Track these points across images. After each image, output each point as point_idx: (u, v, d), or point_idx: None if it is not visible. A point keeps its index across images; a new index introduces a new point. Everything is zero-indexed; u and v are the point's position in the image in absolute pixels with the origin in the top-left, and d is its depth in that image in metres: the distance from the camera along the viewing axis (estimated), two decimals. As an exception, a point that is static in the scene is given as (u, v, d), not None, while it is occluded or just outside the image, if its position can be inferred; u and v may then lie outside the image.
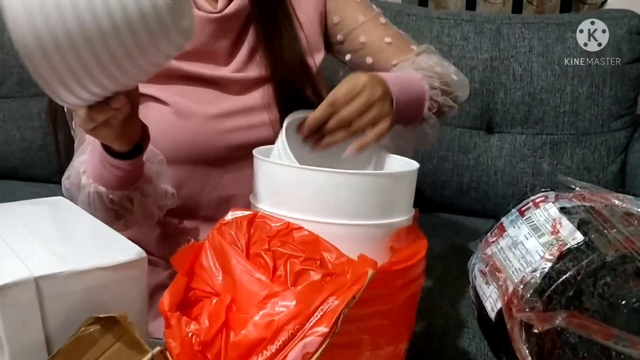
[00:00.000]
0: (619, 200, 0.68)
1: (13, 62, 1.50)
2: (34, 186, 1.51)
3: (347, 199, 0.61)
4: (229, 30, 0.89)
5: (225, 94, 0.88)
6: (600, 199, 0.69)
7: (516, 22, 1.39)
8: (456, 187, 1.41)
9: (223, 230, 0.60)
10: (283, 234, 0.58)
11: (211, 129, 0.85)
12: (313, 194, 0.61)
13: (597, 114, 1.35)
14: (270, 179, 0.64)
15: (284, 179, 0.63)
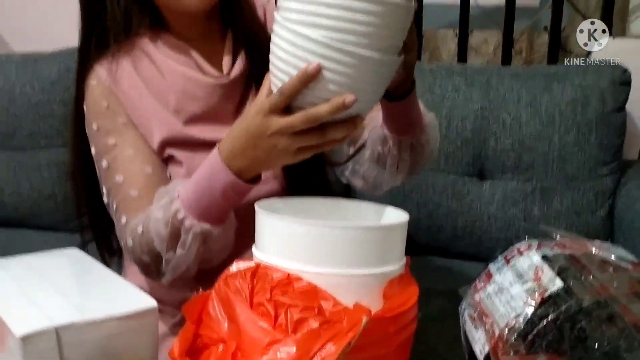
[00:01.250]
0: (596, 248, 0.73)
1: (24, 116, 1.57)
2: (42, 234, 1.56)
3: (343, 250, 0.66)
4: (234, 92, 0.96)
5: None
6: (580, 247, 0.74)
7: (505, 74, 1.47)
8: (451, 232, 1.46)
9: (228, 281, 0.65)
10: (284, 284, 0.63)
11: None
12: (312, 245, 0.66)
13: (585, 161, 1.40)
14: (272, 232, 0.70)
15: (285, 232, 0.68)
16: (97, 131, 0.94)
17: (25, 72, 1.59)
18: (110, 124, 0.93)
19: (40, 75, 1.58)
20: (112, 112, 0.93)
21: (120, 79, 0.94)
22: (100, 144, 0.94)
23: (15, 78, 1.59)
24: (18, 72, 1.59)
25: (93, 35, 0.95)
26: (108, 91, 0.94)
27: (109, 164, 0.92)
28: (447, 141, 1.44)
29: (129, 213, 0.90)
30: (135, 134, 0.94)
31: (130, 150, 0.92)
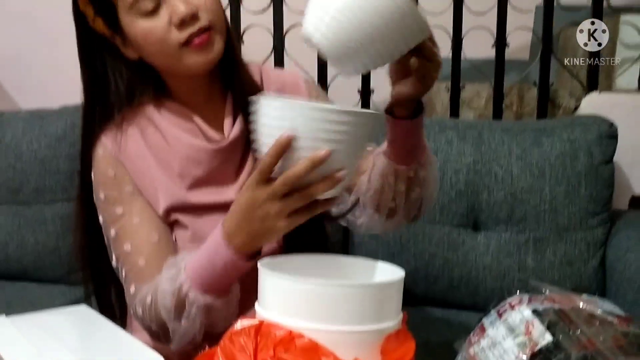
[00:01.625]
0: (584, 302, 0.77)
1: (30, 171, 1.61)
2: (45, 287, 1.59)
3: (343, 307, 0.69)
4: (234, 153, 1.00)
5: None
6: (568, 301, 0.77)
7: (496, 128, 1.52)
8: (447, 283, 1.49)
9: (233, 338, 0.68)
10: (286, 341, 0.66)
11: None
12: (312, 303, 0.70)
13: (575, 212, 1.45)
14: (274, 290, 0.73)
15: (287, 290, 0.71)
16: (105, 201, 0.97)
17: (32, 129, 1.64)
18: (117, 194, 0.96)
19: (47, 132, 1.63)
20: (119, 181, 0.97)
21: (126, 148, 0.97)
22: (108, 213, 0.97)
23: (22, 134, 1.64)
24: (25, 128, 1.65)
25: (96, 108, 0.99)
26: (114, 160, 0.97)
27: (117, 233, 0.96)
28: (441, 193, 1.48)
29: (137, 282, 0.93)
30: (141, 202, 0.97)
31: (137, 218, 0.96)
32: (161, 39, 0.91)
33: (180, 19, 0.89)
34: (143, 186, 0.98)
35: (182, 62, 0.92)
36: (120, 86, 0.97)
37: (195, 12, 0.90)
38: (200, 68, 0.94)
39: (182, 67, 0.94)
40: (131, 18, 0.91)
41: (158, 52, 0.93)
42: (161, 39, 0.91)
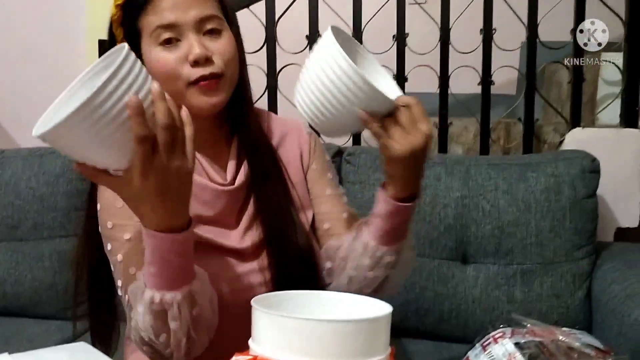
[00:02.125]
0: (564, 335, 0.80)
1: (28, 208, 1.64)
2: (42, 323, 1.60)
3: (332, 342, 0.73)
4: (238, 198, 1.02)
5: (234, 259, 1.00)
6: (548, 334, 0.81)
7: (482, 164, 1.57)
8: (438, 315, 1.51)
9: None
10: None
11: (229, 291, 0.96)
12: (304, 339, 0.73)
13: (561, 245, 1.48)
14: (267, 326, 0.76)
15: (278, 326, 0.75)
16: (112, 229, 0.99)
17: (31, 166, 1.68)
18: (125, 221, 0.98)
19: (45, 170, 1.66)
20: (127, 210, 0.99)
21: None
22: (116, 240, 0.98)
23: (22, 172, 1.67)
24: (24, 166, 1.68)
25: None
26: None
27: (123, 257, 0.97)
28: (431, 227, 1.52)
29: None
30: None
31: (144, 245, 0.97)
32: (172, 70, 0.94)
33: (194, 59, 0.93)
34: None
35: (187, 100, 0.96)
36: None
37: (209, 57, 0.94)
38: (203, 110, 0.97)
39: (186, 104, 0.96)
40: (150, 45, 0.96)
41: (167, 82, 0.95)
42: (172, 71, 0.94)
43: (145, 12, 0.96)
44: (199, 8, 0.96)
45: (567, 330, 0.83)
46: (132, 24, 0.98)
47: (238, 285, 0.99)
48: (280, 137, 1.09)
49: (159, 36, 0.95)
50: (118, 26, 1.01)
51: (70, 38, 2.63)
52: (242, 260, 1.01)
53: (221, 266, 0.99)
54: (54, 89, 2.82)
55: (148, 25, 0.96)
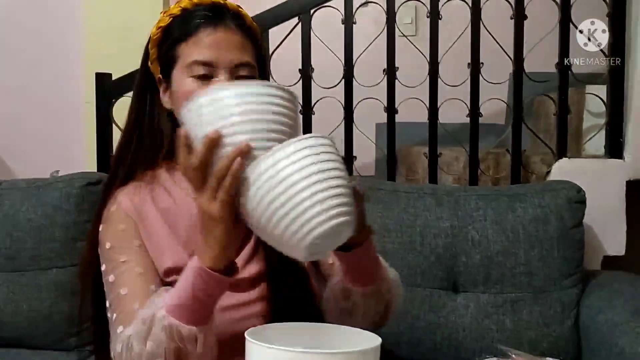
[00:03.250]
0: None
1: (26, 239, 1.66)
2: (38, 354, 1.61)
3: None
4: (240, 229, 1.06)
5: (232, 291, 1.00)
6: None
7: (471, 195, 1.60)
8: (430, 344, 1.54)
9: None
10: None
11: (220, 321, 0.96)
12: None
13: (549, 274, 1.52)
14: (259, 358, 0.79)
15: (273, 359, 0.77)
16: (110, 249, 1.02)
17: (29, 198, 1.70)
18: (125, 244, 1.01)
19: (43, 201, 1.68)
20: (128, 234, 1.02)
21: (140, 209, 1.04)
22: (111, 261, 1.01)
23: (20, 203, 1.69)
24: (22, 198, 1.70)
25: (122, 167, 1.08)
26: (126, 217, 1.04)
27: (116, 278, 0.99)
28: (421, 257, 1.55)
29: (126, 324, 0.94)
30: (145, 257, 1.01)
31: (139, 268, 1.00)
32: None
33: None
34: (151, 245, 1.03)
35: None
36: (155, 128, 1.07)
37: None
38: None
39: None
40: (183, 74, 1.01)
41: None
42: None
43: (186, 42, 1.01)
44: (238, 53, 1.01)
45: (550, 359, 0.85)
46: (170, 48, 1.03)
47: (235, 315, 1.02)
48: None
49: (194, 70, 0.99)
50: (155, 46, 1.06)
51: (68, 71, 2.67)
52: (240, 290, 1.03)
53: (226, 305, 1.00)
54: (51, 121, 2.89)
55: (186, 56, 1.01)
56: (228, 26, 1.02)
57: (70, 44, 2.67)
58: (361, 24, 1.91)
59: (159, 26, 1.05)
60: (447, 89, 1.85)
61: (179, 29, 1.03)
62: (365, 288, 0.97)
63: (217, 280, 0.85)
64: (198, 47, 1.00)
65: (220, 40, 1.00)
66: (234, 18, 1.04)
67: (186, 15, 1.03)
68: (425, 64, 1.86)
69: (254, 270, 1.05)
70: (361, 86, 1.87)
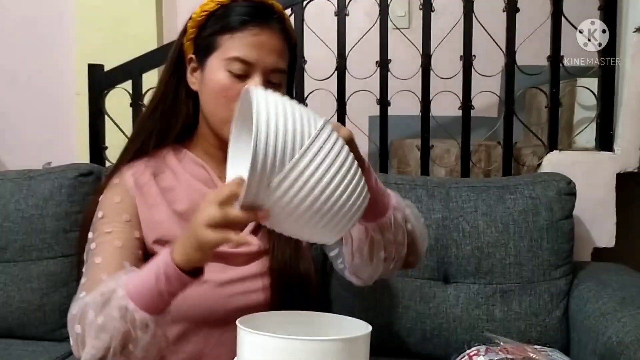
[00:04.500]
0: (534, 352, 0.84)
1: (17, 230, 1.66)
2: (30, 344, 1.61)
3: None
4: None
5: (228, 265, 1.05)
6: (520, 352, 0.84)
7: (462, 186, 1.61)
8: (420, 334, 1.55)
9: None
10: None
11: (216, 294, 1.01)
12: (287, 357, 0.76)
13: (539, 265, 1.53)
14: (251, 346, 0.80)
15: (262, 345, 0.78)
16: (101, 218, 1.04)
17: (20, 189, 1.70)
18: (114, 216, 1.03)
19: (34, 192, 1.69)
20: (120, 208, 1.04)
21: (141, 185, 1.07)
22: (97, 230, 1.03)
23: (10, 194, 1.70)
24: (13, 189, 1.70)
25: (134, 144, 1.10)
26: (124, 191, 1.06)
27: (96, 247, 1.01)
28: (413, 248, 1.56)
29: (89, 292, 0.93)
30: (129, 233, 1.03)
31: (119, 242, 1.01)
32: (229, 98, 1.00)
33: None
34: (147, 217, 1.05)
35: (226, 126, 0.99)
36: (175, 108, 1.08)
37: None
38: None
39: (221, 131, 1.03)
40: (220, 65, 1.01)
41: (217, 103, 1.02)
42: (229, 99, 1.00)
43: (231, 35, 1.01)
44: (276, 57, 1.02)
45: (538, 347, 0.86)
46: (211, 35, 1.03)
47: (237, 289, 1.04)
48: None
49: (232, 66, 1.00)
50: (195, 27, 1.05)
51: (59, 62, 2.67)
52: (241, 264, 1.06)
53: (212, 269, 1.02)
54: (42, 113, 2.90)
55: (228, 49, 1.01)
56: (272, 28, 1.03)
57: (61, 35, 2.66)
58: (354, 16, 1.92)
59: (205, 9, 1.04)
60: (440, 82, 1.85)
61: (224, 19, 1.02)
62: (380, 220, 0.95)
63: (182, 279, 0.84)
64: (242, 44, 1.00)
65: (264, 41, 1.01)
66: (279, 21, 1.05)
67: (233, 8, 1.03)
68: (418, 57, 1.86)
69: (255, 248, 1.07)
70: (354, 78, 1.88)
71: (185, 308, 1.00)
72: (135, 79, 1.95)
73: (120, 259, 0.99)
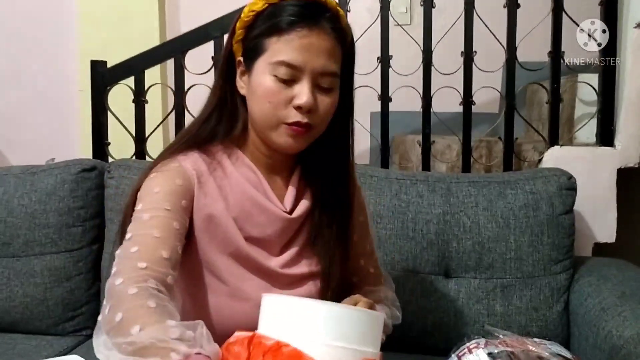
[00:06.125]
0: (534, 345, 0.85)
1: (20, 225, 1.68)
2: (33, 338, 1.63)
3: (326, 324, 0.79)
4: (290, 229, 1.05)
5: (271, 284, 1.02)
6: (519, 344, 0.85)
7: (463, 181, 1.62)
8: (421, 329, 1.56)
9: (229, 347, 0.77)
10: (274, 349, 0.75)
11: (258, 313, 0.91)
12: (299, 319, 0.79)
13: (539, 260, 1.54)
14: (270, 309, 0.82)
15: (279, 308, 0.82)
16: (157, 193, 0.96)
17: (24, 184, 1.71)
18: (173, 197, 0.96)
19: (37, 187, 1.70)
20: (180, 192, 0.97)
21: (200, 175, 1.01)
22: (154, 202, 0.95)
23: (14, 190, 1.71)
24: (16, 184, 1.72)
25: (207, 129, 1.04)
26: (186, 176, 0.99)
27: (151, 218, 0.93)
28: (414, 243, 1.57)
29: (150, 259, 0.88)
30: (184, 219, 0.97)
31: (177, 224, 0.95)
32: (275, 104, 0.96)
33: (300, 105, 0.95)
34: (198, 208, 0.99)
35: (272, 134, 0.98)
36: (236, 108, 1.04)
37: (313, 109, 0.96)
38: (283, 148, 1.00)
39: (270, 136, 1.00)
40: (266, 69, 0.96)
41: (262, 109, 0.97)
42: (275, 105, 0.96)
43: (278, 38, 0.95)
44: (325, 60, 0.96)
45: (537, 340, 0.87)
46: (259, 36, 0.98)
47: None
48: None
49: (279, 70, 0.95)
50: (243, 28, 1.00)
51: (62, 59, 2.67)
52: (279, 286, 1.04)
53: (258, 287, 1.00)
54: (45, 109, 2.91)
55: (274, 52, 0.96)
56: (323, 29, 0.96)
57: (64, 32, 2.67)
58: (356, 13, 1.92)
59: (252, 9, 0.99)
60: (441, 78, 1.86)
61: (272, 20, 0.97)
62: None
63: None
64: (289, 47, 0.95)
65: (313, 44, 0.95)
66: (331, 20, 0.98)
67: (282, 7, 0.97)
68: (419, 53, 1.87)
69: (300, 270, 1.06)
70: (355, 74, 1.88)
71: (226, 322, 0.97)
72: (138, 76, 1.96)
73: (176, 242, 0.93)
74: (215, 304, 1.00)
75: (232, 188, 1.02)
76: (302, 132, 0.97)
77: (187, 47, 1.93)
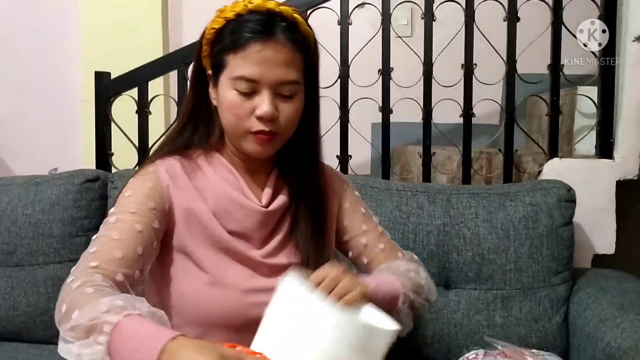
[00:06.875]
0: (532, 356, 0.86)
1: (24, 234, 1.69)
2: (36, 347, 1.64)
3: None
4: (268, 222, 1.11)
5: (255, 273, 1.07)
6: (518, 355, 0.86)
7: (463, 193, 1.63)
8: (421, 339, 1.56)
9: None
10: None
11: (239, 301, 1.03)
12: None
13: (539, 271, 1.54)
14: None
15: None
16: (128, 197, 1.03)
17: (27, 194, 1.73)
18: (142, 199, 1.02)
19: (41, 197, 1.71)
20: (149, 194, 1.04)
21: (175, 178, 1.08)
22: (122, 206, 1.02)
23: (18, 200, 1.72)
24: (20, 194, 1.73)
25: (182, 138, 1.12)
26: (158, 180, 1.06)
27: (116, 221, 0.99)
28: (414, 253, 1.57)
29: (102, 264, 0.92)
30: (152, 221, 1.01)
31: (139, 226, 0.99)
32: (239, 116, 1.03)
33: (261, 115, 1.01)
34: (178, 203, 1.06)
35: (241, 142, 1.06)
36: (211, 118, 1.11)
37: (275, 117, 1.02)
38: (253, 155, 1.07)
39: (241, 145, 1.07)
40: (228, 85, 1.03)
41: (229, 120, 1.05)
42: (239, 117, 1.03)
43: (234, 54, 1.01)
44: (283, 70, 1.01)
45: (535, 352, 0.88)
46: (219, 53, 1.04)
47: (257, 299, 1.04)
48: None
49: (238, 85, 1.01)
50: (207, 44, 1.07)
51: (66, 70, 2.70)
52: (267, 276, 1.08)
53: (242, 275, 1.05)
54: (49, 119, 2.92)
55: (233, 67, 1.02)
56: (278, 41, 1.01)
57: (67, 43, 2.69)
58: (357, 25, 1.94)
59: (213, 27, 1.05)
60: (442, 90, 1.87)
61: (229, 36, 1.02)
62: (391, 312, 1.03)
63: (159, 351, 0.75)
64: (245, 62, 1.00)
65: (268, 57, 1.00)
66: (287, 30, 1.02)
67: (238, 24, 1.02)
68: (420, 65, 1.89)
69: (282, 261, 1.10)
70: (357, 86, 1.90)
71: (206, 310, 1.02)
72: (141, 87, 1.98)
73: (136, 244, 0.98)
74: (194, 292, 1.04)
75: (211, 189, 1.09)
76: (267, 139, 1.04)
77: (189, 59, 1.95)
